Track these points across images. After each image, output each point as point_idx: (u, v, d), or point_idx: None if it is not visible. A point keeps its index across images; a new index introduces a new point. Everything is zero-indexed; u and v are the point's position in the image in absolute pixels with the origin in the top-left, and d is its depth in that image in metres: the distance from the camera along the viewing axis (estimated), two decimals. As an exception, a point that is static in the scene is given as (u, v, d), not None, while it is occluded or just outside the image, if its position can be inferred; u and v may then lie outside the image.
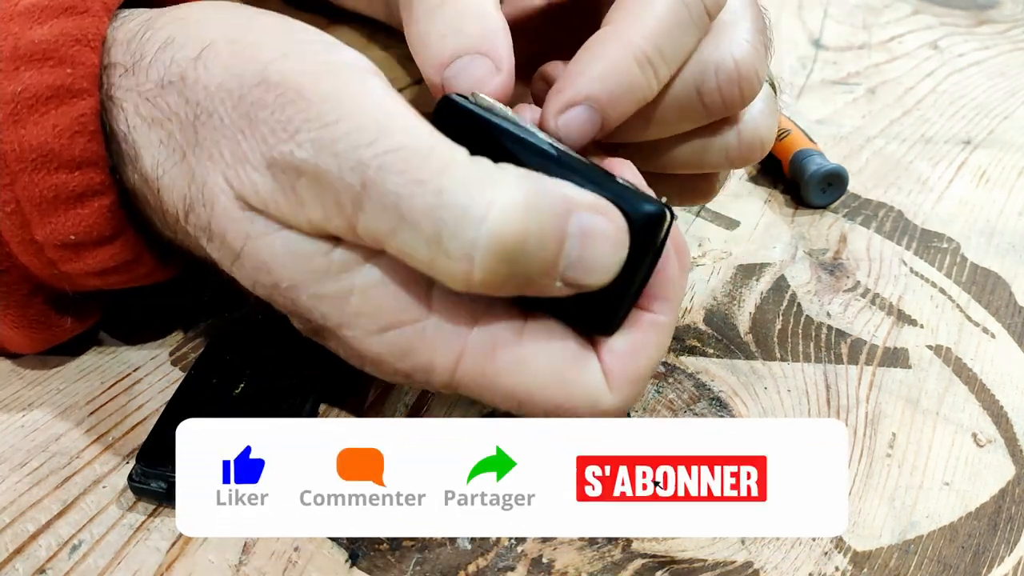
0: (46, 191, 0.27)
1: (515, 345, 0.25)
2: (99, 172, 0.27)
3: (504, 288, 0.24)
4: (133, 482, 0.28)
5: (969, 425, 0.34)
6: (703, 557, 0.28)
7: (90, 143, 0.27)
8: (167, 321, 0.35)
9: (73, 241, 0.28)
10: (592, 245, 0.24)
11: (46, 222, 0.27)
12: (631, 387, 0.26)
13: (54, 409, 0.32)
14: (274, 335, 0.33)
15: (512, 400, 0.26)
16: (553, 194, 0.24)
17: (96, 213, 0.27)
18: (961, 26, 0.65)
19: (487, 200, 0.23)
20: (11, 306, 0.30)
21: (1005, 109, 0.55)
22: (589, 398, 0.26)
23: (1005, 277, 0.41)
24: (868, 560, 0.29)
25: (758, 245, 0.42)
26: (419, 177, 0.23)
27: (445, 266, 0.23)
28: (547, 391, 0.25)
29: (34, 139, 0.26)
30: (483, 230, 0.22)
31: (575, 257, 0.24)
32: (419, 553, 0.28)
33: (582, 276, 0.24)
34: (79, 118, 0.27)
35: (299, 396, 0.31)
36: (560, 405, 0.26)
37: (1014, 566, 0.29)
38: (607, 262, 0.24)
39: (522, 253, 0.23)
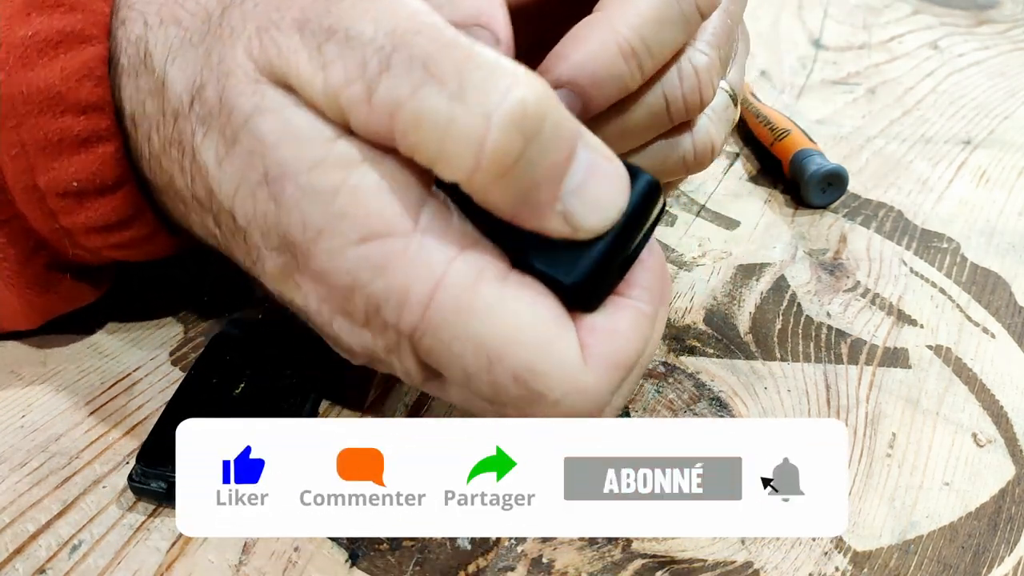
0: (51, 134, 0.27)
1: (499, 284, 0.24)
2: (104, 117, 0.27)
3: (512, 178, 0.23)
4: (133, 482, 0.28)
5: (969, 425, 0.34)
6: (703, 557, 0.28)
7: (96, 87, 0.27)
8: (168, 301, 0.36)
9: (75, 188, 0.28)
10: (596, 179, 0.24)
11: (49, 167, 0.27)
12: (608, 370, 0.25)
13: (54, 409, 0.32)
14: (274, 335, 0.33)
15: (482, 353, 0.24)
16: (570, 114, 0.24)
17: (100, 159, 0.28)
18: (961, 26, 0.65)
19: (513, 75, 0.23)
20: (9, 260, 0.29)
21: (1005, 109, 0.55)
22: (564, 366, 0.25)
23: (1005, 277, 0.41)
24: (868, 560, 0.29)
25: (758, 245, 0.42)
26: (449, 42, 0.23)
27: (462, 125, 0.23)
28: (522, 347, 0.24)
29: (42, 82, 0.27)
30: (509, 93, 0.22)
31: (578, 183, 0.24)
32: (419, 553, 0.28)
33: (581, 208, 0.24)
34: (87, 62, 0.27)
35: (299, 396, 0.31)
36: (533, 367, 0.24)
37: (1014, 566, 0.29)
38: (607, 201, 0.24)
39: (538, 136, 0.23)
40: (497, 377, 0.24)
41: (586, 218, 0.24)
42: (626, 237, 0.25)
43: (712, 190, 0.46)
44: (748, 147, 0.49)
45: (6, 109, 0.27)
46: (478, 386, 0.25)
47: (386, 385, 0.34)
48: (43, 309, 0.32)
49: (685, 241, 0.42)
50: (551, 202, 0.24)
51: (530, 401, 0.25)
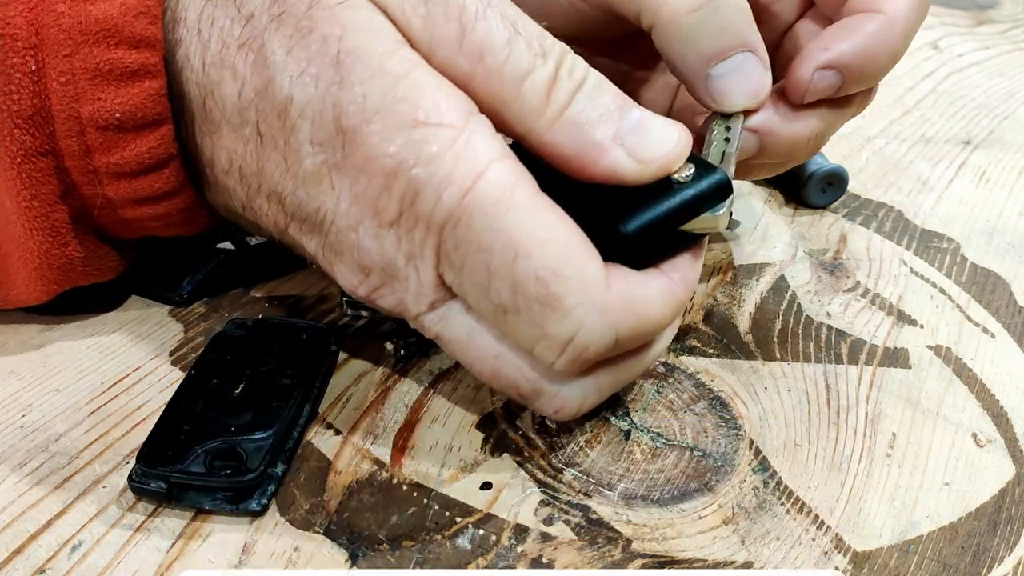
0: (103, 64, 0.28)
1: (536, 193, 0.26)
2: (155, 53, 0.29)
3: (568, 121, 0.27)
4: (133, 482, 0.28)
5: (969, 425, 0.34)
6: (703, 557, 0.28)
7: (151, 25, 0.29)
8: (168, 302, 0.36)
9: (116, 121, 0.29)
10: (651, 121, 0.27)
11: (96, 97, 0.28)
12: (627, 308, 0.26)
13: (54, 409, 0.32)
14: (274, 336, 0.33)
15: (510, 247, 0.25)
16: None
17: (144, 93, 0.29)
18: (961, 26, 0.65)
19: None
20: (38, 199, 0.30)
21: (1005, 109, 0.55)
22: (586, 277, 0.26)
23: (1005, 277, 0.41)
24: (868, 560, 0.29)
25: (758, 245, 0.42)
26: None
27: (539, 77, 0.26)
28: (551, 248, 0.25)
29: (101, 13, 0.28)
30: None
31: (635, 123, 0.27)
32: (419, 553, 0.28)
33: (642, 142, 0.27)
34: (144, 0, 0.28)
35: (299, 397, 0.31)
36: (557, 269, 0.25)
37: (1014, 566, 0.29)
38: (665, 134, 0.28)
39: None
40: (519, 274, 0.25)
41: (649, 149, 0.27)
42: (686, 210, 0.27)
43: (712, 190, 0.46)
44: (748, 147, 0.49)
45: (63, 38, 0.28)
46: (497, 285, 0.26)
47: (386, 385, 0.34)
48: (59, 271, 0.32)
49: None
50: (613, 138, 0.27)
51: (545, 303, 0.25)
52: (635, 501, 0.30)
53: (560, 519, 0.29)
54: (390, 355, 0.35)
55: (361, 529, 0.28)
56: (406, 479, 0.30)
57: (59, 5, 0.28)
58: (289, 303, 0.37)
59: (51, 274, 0.32)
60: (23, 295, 0.32)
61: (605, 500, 0.30)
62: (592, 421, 0.33)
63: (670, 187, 0.27)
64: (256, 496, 0.29)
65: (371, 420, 0.32)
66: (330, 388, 0.33)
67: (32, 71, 0.28)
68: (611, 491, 0.30)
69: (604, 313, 0.26)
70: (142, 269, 0.35)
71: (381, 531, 0.28)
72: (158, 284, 0.37)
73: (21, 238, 0.30)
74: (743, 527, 0.29)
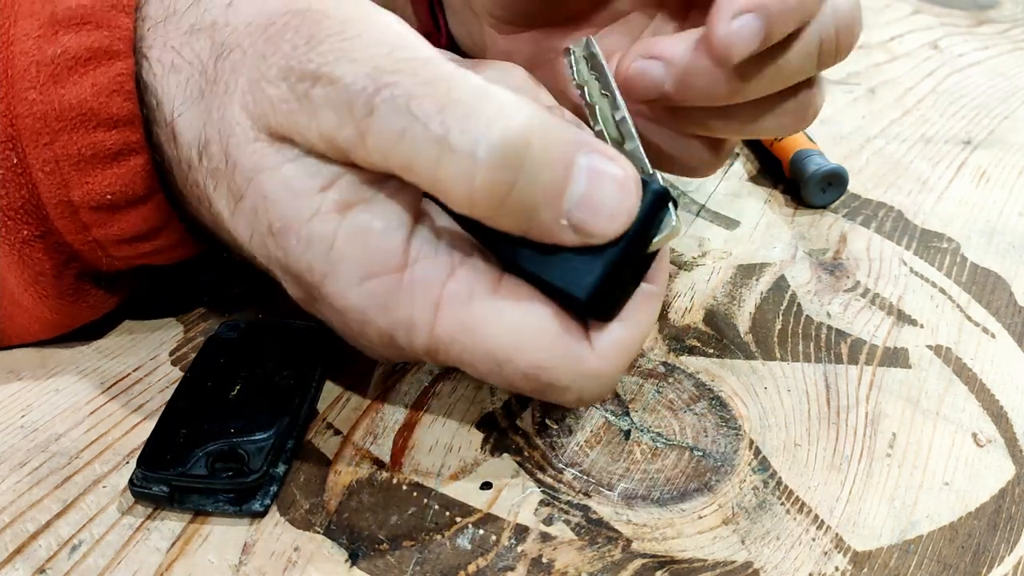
0: (84, 149, 0.28)
1: (492, 295, 0.26)
2: (134, 131, 0.28)
3: (508, 206, 0.24)
4: (134, 487, 0.28)
5: (969, 425, 0.34)
6: (703, 557, 0.28)
7: (126, 102, 0.28)
8: (168, 302, 0.36)
9: (108, 201, 0.28)
10: (600, 185, 0.24)
11: (83, 181, 0.28)
12: (617, 355, 0.26)
13: (54, 409, 0.32)
14: (269, 337, 0.33)
15: (491, 358, 0.26)
16: (564, 127, 0.24)
17: (131, 172, 0.28)
18: (961, 26, 0.65)
19: (495, 106, 0.23)
20: (44, 274, 0.30)
21: (1005, 109, 0.55)
22: (569, 359, 0.26)
23: (1005, 277, 0.41)
24: (868, 560, 0.29)
25: (758, 245, 0.42)
26: (430, 78, 0.24)
27: (450, 167, 0.23)
28: (526, 346, 0.25)
29: (74, 98, 0.27)
30: (490, 128, 0.23)
31: (582, 194, 0.24)
32: (419, 553, 0.28)
33: (588, 218, 0.25)
34: (116, 77, 0.27)
35: (295, 398, 0.31)
36: (541, 363, 0.26)
37: (1014, 566, 0.29)
38: (615, 206, 0.25)
39: (526, 163, 0.23)
40: (509, 376, 0.26)
41: (596, 225, 0.25)
42: (637, 246, 0.26)
43: (712, 190, 0.46)
44: (748, 147, 0.49)
45: (39, 126, 0.27)
46: (494, 382, 0.27)
47: (386, 385, 0.34)
48: (71, 318, 0.32)
49: (685, 241, 0.42)
50: (556, 218, 0.25)
51: (544, 392, 0.26)
52: (635, 501, 0.30)
53: (560, 519, 0.29)
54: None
55: (361, 529, 0.28)
56: (406, 479, 0.30)
57: (30, 92, 0.27)
58: (289, 303, 0.37)
59: (61, 324, 0.33)
60: (33, 338, 0.33)
61: (605, 500, 0.30)
62: (592, 421, 0.33)
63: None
64: (258, 497, 0.29)
65: (371, 420, 0.32)
66: (330, 388, 0.33)
67: (14, 164, 0.28)
68: (611, 491, 0.30)
69: (599, 374, 0.26)
70: (142, 287, 0.35)
71: (381, 531, 0.28)
72: (160, 301, 0.37)
73: (30, 303, 0.31)
74: (743, 527, 0.29)
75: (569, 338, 0.26)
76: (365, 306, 0.26)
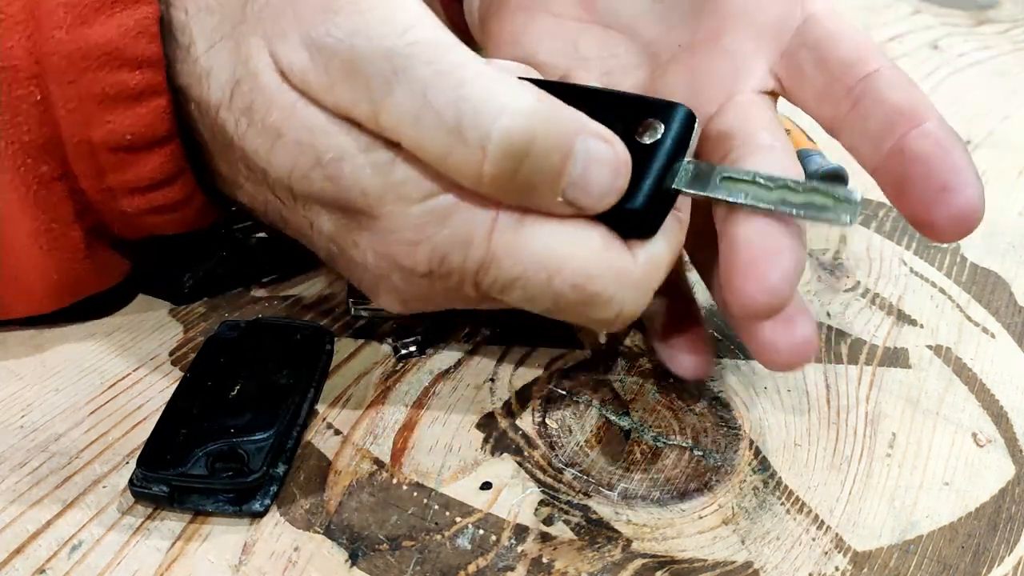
0: (108, 87, 0.28)
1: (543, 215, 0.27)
2: (158, 72, 0.28)
3: (510, 190, 0.26)
4: (134, 487, 0.28)
5: (969, 425, 0.34)
6: (703, 557, 0.28)
7: (151, 44, 0.28)
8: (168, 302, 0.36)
9: (127, 142, 0.29)
10: (594, 167, 0.26)
11: (104, 120, 0.28)
12: (653, 267, 0.28)
13: (54, 409, 0.32)
14: (268, 336, 0.33)
15: (543, 268, 0.26)
16: (564, 112, 0.26)
17: (152, 112, 0.29)
18: (961, 26, 0.65)
19: (503, 100, 0.25)
20: (57, 221, 0.30)
21: (1005, 109, 0.55)
22: (615, 267, 0.27)
23: (1005, 277, 0.41)
24: (868, 560, 0.29)
25: (758, 245, 0.42)
26: (444, 68, 0.25)
27: (460, 156, 0.25)
28: (576, 255, 0.26)
29: (101, 37, 0.28)
30: (498, 124, 0.24)
31: (577, 175, 0.26)
32: (419, 553, 0.28)
33: (581, 197, 0.26)
34: (142, 20, 0.28)
35: (297, 397, 0.31)
36: (589, 272, 0.27)
37: (1014, 566, 0.29)
38: (606, 186, 0.26)
39: (530, 155, 0.25)
40: (557, 288, 0.27)
41: (585, 200, 0.26)
42: (674, 165, 0.27)
43: (712, 190, 0.46)
44: (748, 147, 0.49)
45: (64, 64, 0.28)
46: (541, 300, 0.27)
47: (386, 385, 0.34)
48: (77, 280, 0.32)
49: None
50: (553, 196, 0.26)
51: (588, 303, 0.27)
52: (635, 501, 0.30)
53: (560, 519, 0.29)
54: (390, 355, 0.35)
55: (361, 529, 0.28)
56: (406, 479, 0.30)
57: (56, 32, 0.28)
58: (289, 303, 0.37)
59: (67, 288, 0.32)
60: (36, 307, 0.33)
61: (605, 500, 0.30)
62: (592, 421, 0.33)
63: (651, 150, 0.27)
64: (259, 497, 0.29)
65: (371, 420, 0.32)
66: (330, 388, 0.33)
67: (38, 101, 0.28)
68: (611, 491, 0.30)
69: (638, 286, 0.27)
70: (143, 267, 0.35)
71: (381, 531, 0.28)
72: (160, 281, 0.37)
73: (38, 258, 0.31)
74: (743, 527, 0.29)
75: (615, 249, 0.27)
76: (424, 223, 0.26)
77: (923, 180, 0.28)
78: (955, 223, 0.27)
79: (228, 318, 0.36)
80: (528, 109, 0.25)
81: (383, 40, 0.25)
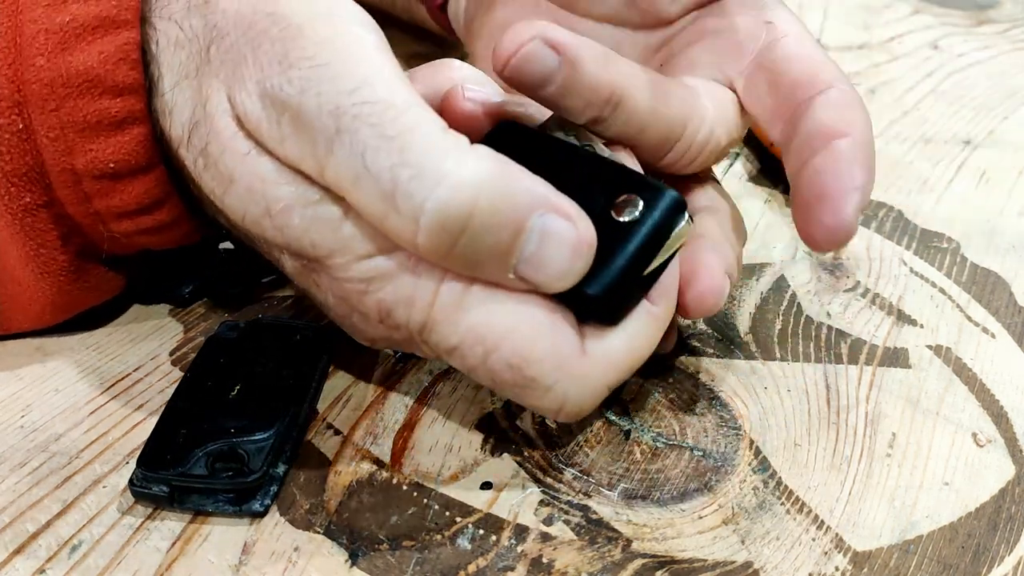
0: (90, 115, 0.28)
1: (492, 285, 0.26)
2: (139, 100, 0.28)
3: (452, 260, 0.25)
4: (134, 487, 0.28)
5: (969, 425, 0.34)
6: (703, 557, 0.28)
7: (132, 71, 0.28)
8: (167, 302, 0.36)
9: (111, 170, 0.28)
10: (550, 246, 0.25)
11: (87, 149, 0.28)
12: (609, 367, 0.27)
13: (54, 409, 0.32)
14: (268, 337, 0.33)
15: (479, 343, 0.26)
16: (521, 185, 0.25)
17: (134, 140, 0.28)
18: (961, 26, 0.65)
19: (445, 170, 0.24)
20: (46, 247, 0.30)
21: (1005, 109, 0.55)
22: (557, 355, 0.26)
23: (1005, 277, 0.41)
24: (868, 560, 0.29)
25: (758, 245, 0.42)
26: (388, 133, 0.24)
27: (395, 223, 0.25)
28: (517, 333, 0.26)
29: (81, 64, 0.28)
30: (433, 195, 0.24)
31: (530, 253, 0.25)
32: (419, 553, 0.28)
33: (533, 274, 0.25)
34: (123, 46, 0.28)
35: (295, 398, 0.31)
36: (526, 355, 0.26)
37: (1014, 566, 0.29)
38: (563, 267, 0.25)
39: (469, 230, 0.24)
40: (492, 366, 0.26)
41: (539, 278, 0.25)
42: (648, 252, 0.26)
43: (712, 190, 0.46)
44: (748, 147, 0.49)
45: (46, 92, 0.28)
46: (480, 375, 0.27)
47: (386, 385, 0.34)
48: (72, 300, 0.32)
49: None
50: (503, 271, 0.25)
51: (526, 386, 0.26)
52: (635, 501, 0.30)
53: (560, 519, 0.29)
54: (390, 355, 0.35)
55: (361, 529, 0.28)
56: (406, 479, 0.30)
57: (38, 59, 0.27)
58: (289, 303, 0.37)
59: (61, 306, 0.32)
60: (35, 323, 0.33)
61: (605, 500, 0.30)
62: (592, 421, 0.33)
63: (625, 230, 0.26)
64: (259, 497, 0.29)
65: (371, 420, 0.32)
66: (330, 388, 0.33)
67: (20, 129, 0.28)
68: (611, 491, 0.30)
69: (586, 380, 0.26)
70: (139, 281, 0.35)
71: (381, 531, 0.28)
72: (159, 287, 0.37)
73: (30, 281, 0.31)
74: (743, 527, 0.29)
75: (561, 334, 0.26)
76: (370, 279, 0.27)
77: (808, 189, 0.29)
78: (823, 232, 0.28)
79: (228, 318, 0.36)
80: (472, 181, 0.24)
81: (331, 97, 0.25)
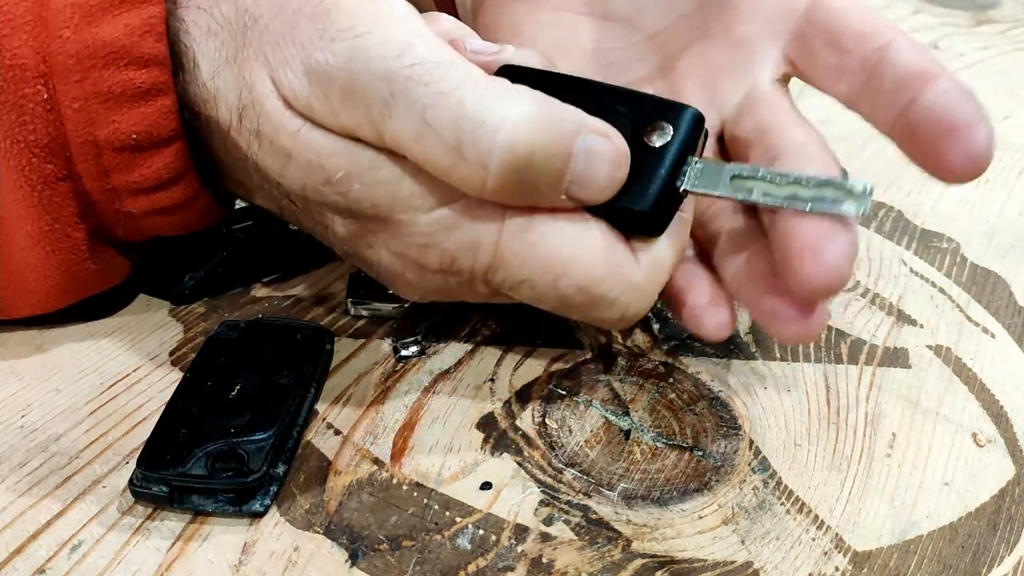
0: (115, 86, 0.28)
1: (549, 215, 0.27)
2: (163, 72, 0.29)
3: (514, 195, 0.26)
4: (134, 487, 0.28)
5: (969, 425, 0.34)
6: (703, 557, 0.28)
7: (157, 43, 0.28)
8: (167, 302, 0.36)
9: (132, 142, 0.29)
10: (595, 163, 0.27)
11: (110, 120, 0.29)
12: (657, 271, 0.28)
13: (54, 409, 0.32)
14: (267, 336, 0.33)
15: (550, 271, 0.27)
16: (563, 115, 0.26)
17: (158, 112, 0.29)
18: (961, 26, 0.65)
19: (501, 114, 0.25)
20: (60, 222, 0.30)
21: (1005, 109, 0.55)
22: (620, 271, 0.28)
23: (1005, 277, 0.41)
24: (868, 560, 0.29)
25: (758, 245, 0.42)
26: (442, 88, 0.25)
27: (463, 172, 0.26)
28: (582, 260, 0.27)
29: (107, 36, 0.28)
30: (497, 140, 0.25)
31: (579, 173, 0.26)
32: (419, 553, 0.28)
33: (583, 191, 0.27)
34: (148, 19, 0.28)
35: (297, 396, 0.31)
36: (593, 276, 0.27)
37: (1014, 566, 0.29)
38: (606, 180, 0.27)
39: (531, 165, 0.26)
40: (563, 290, 0.27)
41: (587, 195, 0.27)
42: (680, 167, 0.28)
43: (712, 190, 0.46)
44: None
45: (71, 64, 0.28)
46: (548, 300, 0.28)
47: (386, 385, 0.34)
48: (79, 282, 0.32)
49: (685, 241, 0.42)
50: (557, 194, 0.27)
51: (594, 304, 0.28)
52: (635, 501, 0.30)
53: (560, 519, 0.29)
54: (390, 355, 0.35)
55: (361, 529, 0.28)
56: (406, 479, 0.30)
57: (64, 31, 0.28)
58: (289, 303, 0.37)
59: (69, 288, 0.32)
60: (37, 307, 0.33)
61: (605, 500, 0.30)
62: (592, 421, 0.33)
63: (659, 152, 0.28)
64: (259, 497, 0.29)
65: (371, 420, 0.32)
66: (330, 388, 0.33)
67: (44, 100, 0.28)
68: (611, 491, 0.30)
69: (642, 289, 0.28)
70: (144, 266, 0.35)
71: (381, 531, 0.28)
72: (160, 281, 0.37)
73: (41, 258, 0.31)
74: (743, 527, 0.29)
75: (617, 251, 0.28)
76: (433, 231, 0.27)
77: (933, 124, 0.28)
78: (963, 162, 0.28)
79: (228, 318, 0.36)
80: (527, 119, 0.25)
81: (380, 63, 0.26)
